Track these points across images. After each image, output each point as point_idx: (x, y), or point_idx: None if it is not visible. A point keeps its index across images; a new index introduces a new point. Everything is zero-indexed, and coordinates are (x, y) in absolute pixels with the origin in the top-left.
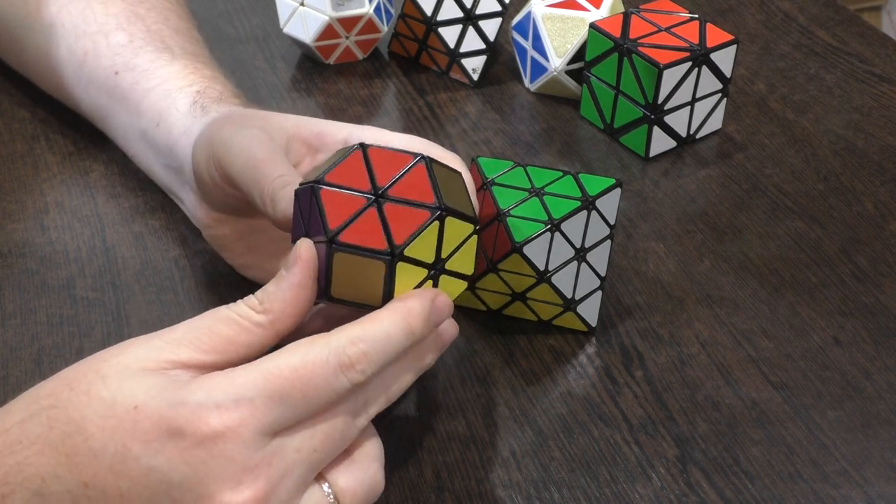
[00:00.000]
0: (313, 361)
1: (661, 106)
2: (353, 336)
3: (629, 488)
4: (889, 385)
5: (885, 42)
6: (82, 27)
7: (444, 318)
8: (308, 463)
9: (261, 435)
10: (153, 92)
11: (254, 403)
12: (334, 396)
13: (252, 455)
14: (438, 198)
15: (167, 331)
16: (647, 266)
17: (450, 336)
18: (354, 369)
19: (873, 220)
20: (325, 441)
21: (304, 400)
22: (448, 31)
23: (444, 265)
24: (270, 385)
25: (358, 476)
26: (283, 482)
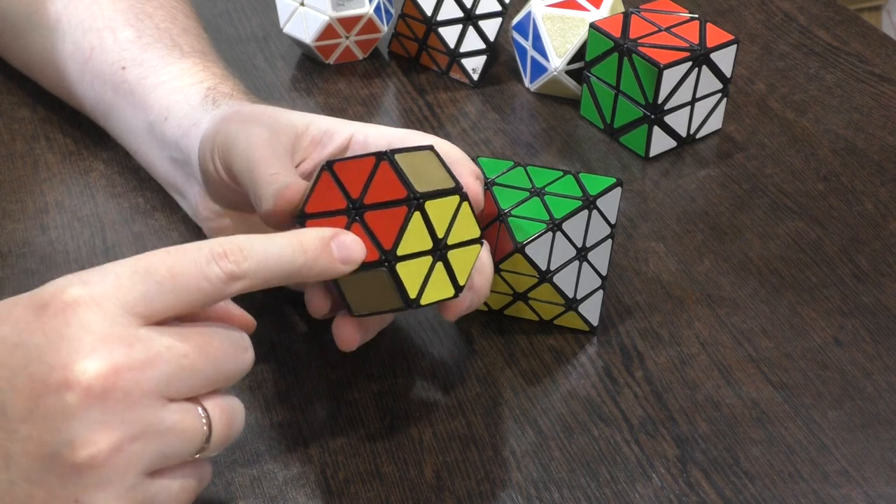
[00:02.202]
0: (185, 248)
1: (661, 106)
2: (234, 237)
3: (629, 488)
4: (889, 385)
5: (885, 42)
6: (89, 23)
7: (352, 253)
8: (178, 365)
9: (123, 311)
10: (162, 87)
11: (119, 277)
12: (206, 284)
13: (110, 327)
14: (410, 188)
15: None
16: (647, 266)
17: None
18: (227, 258)
19: (873, 220)
20: (198, 350)
21: (171, 278)
22: (448, 31)
23: (446, 243)
24: (138, 262)
25: (229, 407)
26: (146, 371)
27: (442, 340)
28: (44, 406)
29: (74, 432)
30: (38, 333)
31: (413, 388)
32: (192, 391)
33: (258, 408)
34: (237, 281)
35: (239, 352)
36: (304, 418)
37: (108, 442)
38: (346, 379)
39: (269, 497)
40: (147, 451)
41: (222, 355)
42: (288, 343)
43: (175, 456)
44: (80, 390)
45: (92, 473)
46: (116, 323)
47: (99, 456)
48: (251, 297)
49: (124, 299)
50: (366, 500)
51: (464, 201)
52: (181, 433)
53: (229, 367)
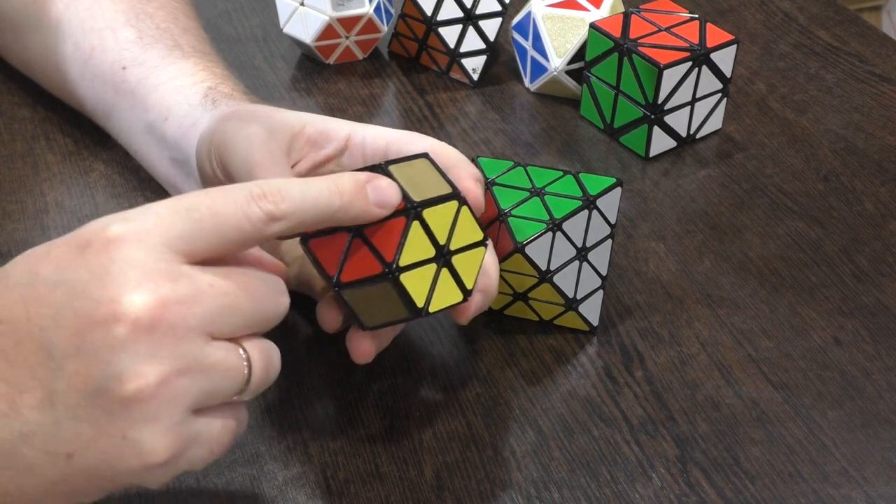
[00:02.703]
0: (224, 189)
1: (661, 106)
2: (271, 179)
3: (629, 488)
4: (889, 385)
5: (885, 42)
6: (90, 23)
7: (387, 197)
8: (221, 303)
9: (166, 248)
10: (163, 87)
11: (160, 215)
12: (246, 223)
13: (155, 263)
14: (407, 199)
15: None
16: (647, 266)
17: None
18: (266, 199)
19: (873, 220)
20: (240, 289)
21: (211, 217)
22: (448, 31)
23: (448, 249)
24: (178, 202)
25: (267, 350)
26: (191, 307)
27: (442, 340)
28: (91, 340)
29: (122, 365)
30: (83, 270)
31: (413, 388)
32: (233, 330)
33: (258, 408)
34: (276, 222)
35: (277, 294)
36: (304, 418)
37: (155, 375)
38: (346, 379)
39: (269, 497)
40: (193, 387)
41: (262, 296)
42: (288, 343)
43: (218, 394)
44: (129, 323)
45: (139, 407)
46: (161, 258)
47: (147, 389)
48: None
49: (166, 236)
50: (366, 500)
51: (463, 206)
52: (224, 371)
53: (268, 309)
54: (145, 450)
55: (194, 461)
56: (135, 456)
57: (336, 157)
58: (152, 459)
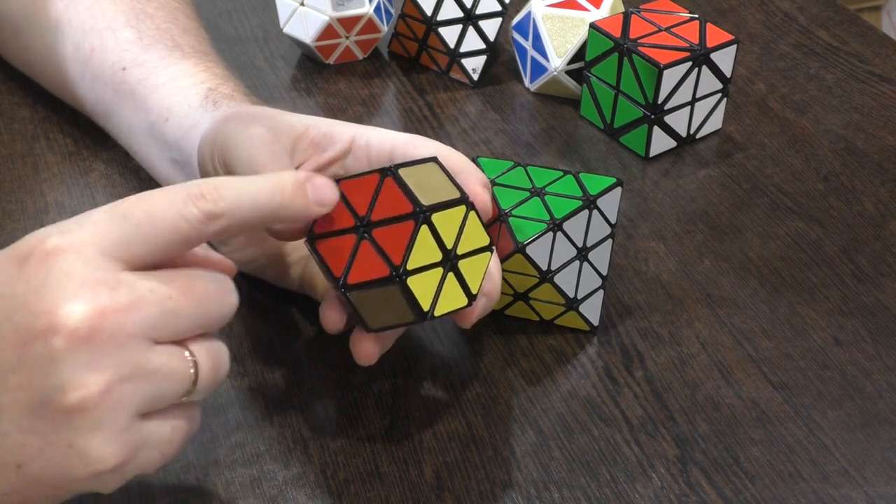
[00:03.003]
0: (161, 191)
1: (661, 106)
2: (210, 178)
3: (629, 488)
4: (889, 385)
5: (885, 42)
6: (90, 23)
7: (326, 195)
8: (163, 308)
9: (104, 255)
10: (163, 87)
11: (96, 224)
12: (183, 224)
13: (92, 272)
14: (415, 202)
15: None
16: (647, 266)
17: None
18: (204, 198)
19: (873, 220)
20: (183, 292)
21: (148, 221)
22: (448, 31)
23: (455, 253)
24: (114, 208)
25: (215, 350)
26: (131, 313)
27: (442, 340)
28: (31, 353)
29: (63, 376)
30: (22, 283)
31: (413, 387)
32: (177, 334)
33: (258, 408)
34: (215, 220)
35: (223, 294)
36: (304, 418)
37: (97, 384)
38: (346, 379)
39: (269, 497)
40: (137, 393)
41: (207, 298)
42: (288, 343)
43: (164, 397)
44: (66, 333)
45: (84, 416)
46: (98, 268)
47: (90, 398)
48: (251, 296)
49: (104, 244)
50: (366, 500)
51: (471, 210)
52: (169, 375)
53: (214, 310)
54: (92, 458)
55: (145, 465)
56: (82, 465)
57: (340, 159)
58: (100, 467)
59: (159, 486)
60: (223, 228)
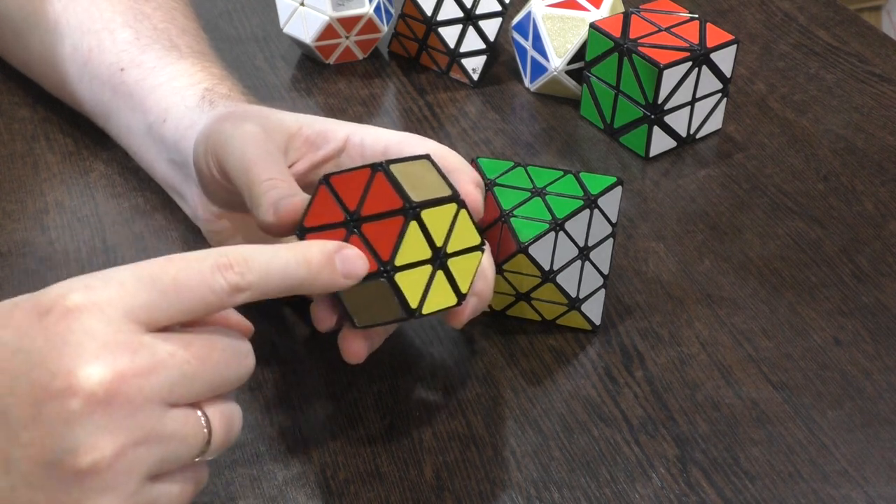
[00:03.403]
0: (189, 257)
1: (661, 106)
2: (238, 247)
3: (629, 488)
4: (889, 385)
5: (885, 42)
6: (87, 24)
7: (355, 268)
8: (181, 372)
9: (127, 318)
10: (161, 88)
11: (122, 284)
12: (210, 295)
13: (114, 334)
14: (406, 198)
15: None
16: (647, 266)
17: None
18: (232, 270)
19: (873, 220)
20: (201, 357)
21: (175, 288)
22: (448, 31)
23: (444, 251)
24: (141, 270)
25: (228, 413)
26: (150, 378)
27: (442, 340)
28: (46, 412)
29: (77, 439)
30: (41, 339)
31: (413, 388)
32: (193, 397)
33: (258, 408)
34: (241, 293)
35: (241, 358)
36: (304, 418)
37: (111, 448)
38: (346, 379)
39: (269, 497)
40: (149, 457)
41: (224, 362)
42: (288, 343)
43: (176, 461)
44: (84, 396)
45: (95, 479)
46: (120, 330)
47: (102, 462)
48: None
49: (128, 306)
50: (366, 500)
51: (461, 209)
52: (183, 439)
53: (231, 374)
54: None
55: None
56: None
57: (334, 157)
58: None
59: None
60: (247, 299)
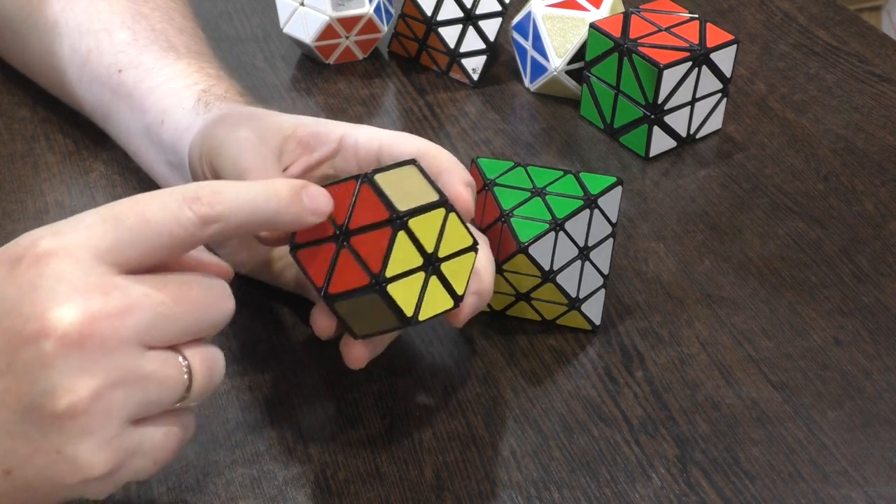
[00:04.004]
0: (156, 193)
1: (661, 106)
2: (206, 182)
3: (629, 488)
4: (889, 385)
5: (885, 42)
6: (86, 25)
7: (320, 205)
8: (156, 313)
9: (97, 259)
10: (158, 90)
11: (90, 226)
12: (178, 228)
13: (86, 277)
14: (392, 209)
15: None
16: (647, 266)
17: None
18: (200, 201)
19: (873, 220)
20: (176, 298)
21: (143, 224)
22: (448, 31)
23: (436, 257)
24: (108, 210)
25: (209, 356)
26: (123, 319)
27: (442, 340)
28: (21, 357)
29: (53, 381)
30: (13, 287)
31: (413, 388)
32: (171, 339)
33: (258, 408)
34: (210, 224)
35: (219, 300)
36: (304, 418)
37: (87, 389)
38: (346, 379)
39: (269, 497)
40: (128, 399)
41: (202, 303)
42: (288, 343)
43: (156, 404)
44: (57, 338)
45: (73, 423)
46: (91, 272)
47: (79, 404)
48: (251, 297)
49: (97, 248)
50: (366, 500)
51: (450, 213)
52: (162, 381)
53: (209, 316)
54: (82, 465)
55: (137, 472)
56: (71, 472)
57: (329, 159)
58: (89, 474)
59: (159, 486)
60: (218, 232)
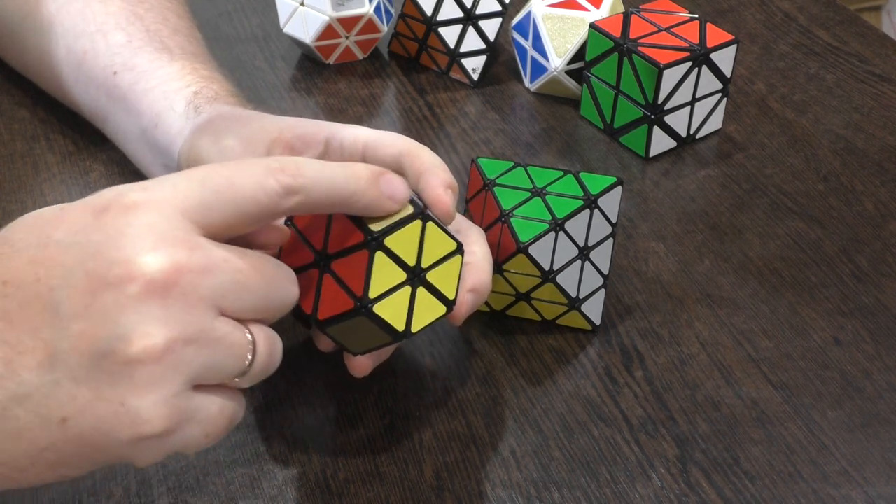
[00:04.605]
0: (241, 161)
1: (661, 106)
2: (290, 157)
3: (629, 488)
4: (889, 385)
5: (885, 42)
6: (81, 26)
7: (397, 191)
8: (233, 279)
9: (183, 217)
10: (152, 93)
11: (176, 185)
12: (262, 195)
13: (173, 230)
14: (365, 230)
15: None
16: (647, 266)
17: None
18: (284, 172)
19: (873, 220)
20: (253, 268)
21: (228, 188)
22: (448, 31)
23: (420, 268)
24: (194, 172)
25: (272, 338)
26: (205, 277)
27: (442, 340)
28: (101, 301)
29: (132, 324)
30: (98, 233)
31: (413, 388)
32: (243, 309)
33: (258, 408)
34: (292, 196)
35: (289, 281)
36: (304, 418)
37: (163, 337)
38: (346, 379)
39: (269, 497)
40: (197, 358)
41: (275, 280)
42: (288, 343)
43: (220, 371)
44: (143, 282)
45: (143, 370)
46: (178, 227)
47: (153, 350)
48: None
49: (184, 205)
50: (366, 500)
51: (427, 222)
52: (230, 347)
53: (278, 294)
54: (141, 418)
55: (188, 441)
56: (130, 424)
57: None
58: (147, 430)
59: (159, 485)
60: (299, 204)
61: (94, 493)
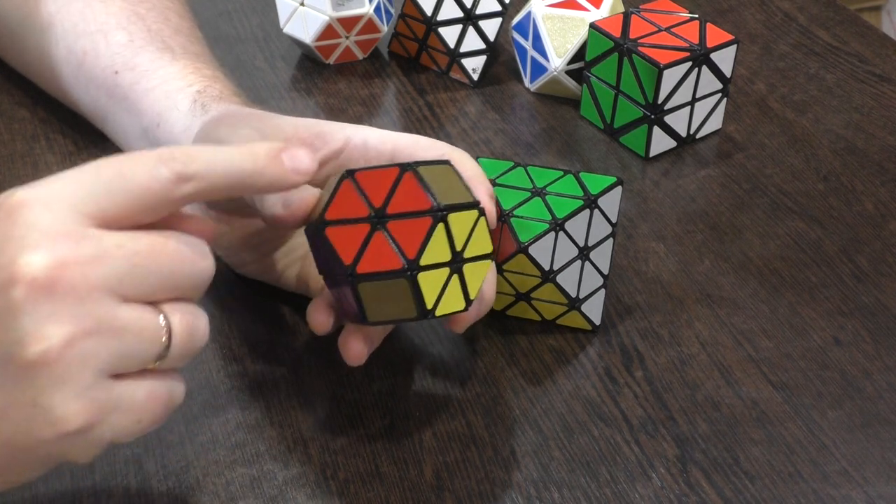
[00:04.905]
0: (132, 153)
1: (661, 106)
2: (183, 146)
3: (629, 488)
4: (889, 385)
5: (885, 42)
6: (81, 26)
7: (301, 163)
8: (129, 263)
9: (72, 211)
10: (153, 92)
11: (65, 179)
12: (154, 183)
13: (58, 225)
14: (435, 200)
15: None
16: (647, 266)
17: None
18: (175, 159)
19: (873, 220)
20: (151, 250)
21: (119, 178)
22: (448, 31)
23: (462, 256)
24: (85, 166)
25: (191, 315)
26: (94, 266)
27: (442, 340)
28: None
29: (24, 328)
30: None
31: (413, 388)
32: (146, 293)
33: (258, 408)
34: (185, 182)
35: (196, 257)
36: (304, 418)
37: (59, 336)
38: (346, 379)
39: (269, 497)
40: (102, 348)
41: (178, 258)
42: (288, 343)
43: (133, 357)
44: (25, 284)
45: (46, 371)
46: (64, 221)
47: (51, 351)
48: (251, 297)
49: (72, 199)
50: (366, 500)
51: (481, 216)
52: (138, 333)
53: (186, 271)
54: (57, 416)
55: (118, 430)
56: (48, 423)
57: (332, 159)
58: (66, 427)
59: (159, 485)
60: (195, 191)
61: (94, 493)
